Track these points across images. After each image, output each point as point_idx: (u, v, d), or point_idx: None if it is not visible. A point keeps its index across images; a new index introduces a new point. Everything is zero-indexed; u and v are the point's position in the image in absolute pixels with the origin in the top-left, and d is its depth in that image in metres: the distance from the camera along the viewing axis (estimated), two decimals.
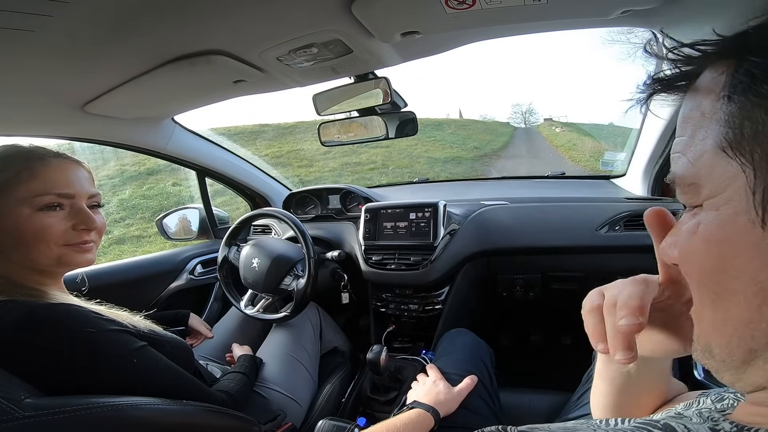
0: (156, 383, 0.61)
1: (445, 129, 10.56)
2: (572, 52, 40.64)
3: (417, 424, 0.67)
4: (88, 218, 0.62)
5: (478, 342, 0.95)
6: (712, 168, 0.22)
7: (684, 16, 0.66)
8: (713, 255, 0.22)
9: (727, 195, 0.21)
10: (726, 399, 0.32)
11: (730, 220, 0.21)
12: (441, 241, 1.11)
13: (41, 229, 0.57)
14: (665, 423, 0.25)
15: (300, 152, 7.80)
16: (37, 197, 0.57)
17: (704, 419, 0.26)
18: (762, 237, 0.19)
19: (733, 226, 0.21)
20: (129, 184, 5.52)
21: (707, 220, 0.22)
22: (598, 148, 8.06)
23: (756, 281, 0.20)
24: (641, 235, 1.06)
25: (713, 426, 0.24)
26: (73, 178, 0.61)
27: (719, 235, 0.22)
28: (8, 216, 0.56)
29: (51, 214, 0.58)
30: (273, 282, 1.09)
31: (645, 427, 0.25)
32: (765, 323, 0.20)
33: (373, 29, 0.64)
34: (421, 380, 0.82)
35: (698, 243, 0.23)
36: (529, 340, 1.51)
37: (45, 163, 0.59)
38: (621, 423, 0.28)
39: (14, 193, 0.56)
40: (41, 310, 0.55)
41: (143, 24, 0.57)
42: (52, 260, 0.59)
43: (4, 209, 0.56)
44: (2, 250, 0.57)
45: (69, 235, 0.60)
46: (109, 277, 1.20)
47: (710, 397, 0.33)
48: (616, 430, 0.27)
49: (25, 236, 0.57)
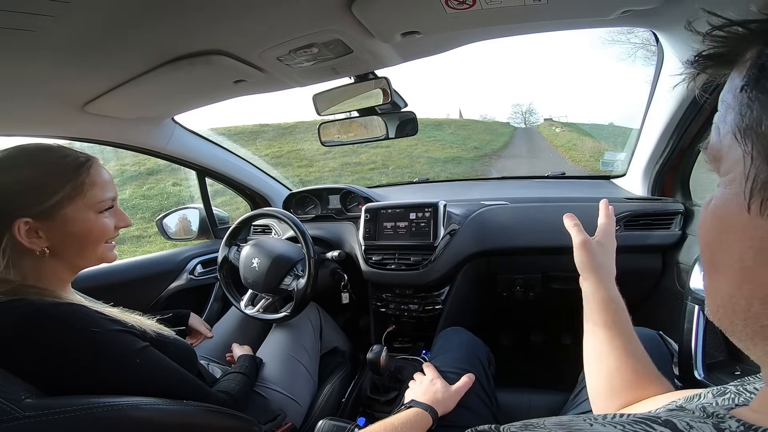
0: (157, 383, 0.61)
1: (445, 129, 10.56)
2: (572, 52, 40.65)
3: (415, 423, 0.67)
4: (125, 217, 0.69)
5: (474, 340, 0.94)
6: (729, 148, 0.23)
7: (684, 15, 0.66)
8: (714, 228, 0.24)
9: (732, 176, 0.23)
10: (728, 393, 0.32)
11: (730, 199, 0.23)
12: (441, 241, 1.11)
13: (103, 230, 0.64)
14: (666, 419, 0.25)
15: (300, 152, 7.80)
16: (100, 202, 0.63)
17: (708, 415, 0.25)
18: (749, 220, 0.21)
19: (730, 206, 0.23)
20: (129, 184, 5.52)
21: (717, 196, 0.24)
22: (598, 148, 8.07)
23: (741, 259, 0.22)
24: (641, 235, 1.06)
25: (718, 423, 0.24)
26: (111, 180, 0.67)
27: (721, 211, 0.24)
28: (79, 221, 0.60)
29: (106, 215, 0.64)
30: (273, 282, 1.09)
31: (644, 422, 0.25)
32: (744, 300, 0.22)
33: (373, 29, 0.64)
34: (418, 379, 0.82)
35: (706, 215, 0.25)
36: (529, 340, 1.51)
37: (96, 167, 0.63)
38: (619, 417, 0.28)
39: (84, 200, 0.61)
40: (47, 309, 0.55)
41: (143, 24, 0.57)
42: (97, 258, 0.65)
43: (74, 215, 0.60)
44: (59, 248, 0.60)
45: (111, 234, 0.66)
46: (109, 277, 1.20)
47: (711, 392, 0.33)
48: (613, 424, 0.26)
49: (90, 238, 0.62)
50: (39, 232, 0.57)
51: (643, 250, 1.07)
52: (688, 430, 0.23)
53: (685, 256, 1.00)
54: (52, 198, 0.58)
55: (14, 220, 0.55)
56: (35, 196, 0.57)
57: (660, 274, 1.08)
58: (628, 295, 0.55)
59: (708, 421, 0.24)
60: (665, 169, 1.09)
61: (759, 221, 0.21)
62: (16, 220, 0.55)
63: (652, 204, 1.10)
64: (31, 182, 0.57)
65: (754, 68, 0.21)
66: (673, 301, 0.98)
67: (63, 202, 0.58)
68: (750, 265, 0.22)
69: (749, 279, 0.22)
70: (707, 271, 0.26)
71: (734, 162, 0.22)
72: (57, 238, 0.59)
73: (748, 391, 0.31)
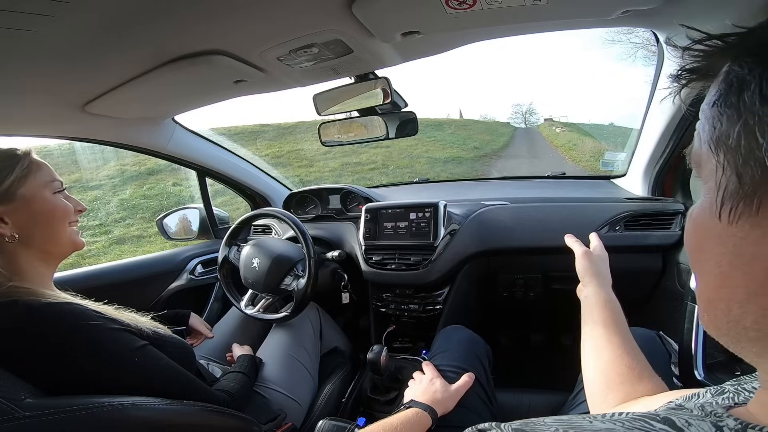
0: (157, 382, 0.61)
1: (446, 129, 10.56)
2: (572, 52, 40.67)
3: (414, 423, 0.66)
4: (79, 203, 0.72)
5: (474, 338, 0.93)
6: (707, 158, 0.24)
7: (684, 16, 0.66)
8: (695, 236, 0.25)
9: (709, 185, 0.24)
10: (726, 392, 0.32)
11: (707, 208, 0.24)
12: (441, 241, 1.11)
13: (64, 209, 0.67)
14: (665, 416, 0.25)
15: (300, 152, 7.80)
16: (51, 182, 0.66)
17: (707, 413, 0.25)
18: (723, 228, 0.22)
19: (706, 214, 0.24)
20: (129, 184, 5.52)
21: (697, 205, 0.25)
22: (599, 148, 8.06)
23: (718, 265, 0.23)
24: (641, 235, 1.06)
25: (716, 421, 0.24)
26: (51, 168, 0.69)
27: (699, 219, 0.25)
28: (39, 200, 0.64)
29: (61, 197, 0.67)
30: (273, 282, 1.09)
31: (644, 419, 0.25)
32: (723, 303, 0.23)
33: (373, 29, 0.64)
34: (418, 378, 0.81)
35: (689, 223, 0.26)
36: (529, 340, 1.51)
37: (30, 154, 0.66)
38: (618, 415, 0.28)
39: (36, 179, 0.64)
40: (44, 309, 0.55)
41: (144, 24, 0.57)
42: (68, 242, 0.67)
43: (32, 194, 0.63)
44: (27, 234, 0.62)
45: (72, 216, 0.69)
46: (110, 277, 1.20)
47: (710, 391, 0.33)
48: (613, 421, 0.26)
49: (54, 216, 0.65)
50: (4, 218, 0.60)
51: (643, 250, 1.07)
52: (686, 427, 0.24)
53: (685, 256, 1.00)
54: (5, 180, 0.61)
55: None
56: None
57: (660, 274, 1.08)
58: (629, 295, 0.56)
59: (706, 419, 0.24)
60: (665, 169, 1.09)
61: (730, 229, 0.22)
62: None
63: (653, 204, 1.10)
64: None
65: (723, 83, 0.22)
66: (674, 301, 0.98)
67: (18, 183, 0.62)
68: (726, 270, 0.23)
69: (726, 283, 0.23)
70: (694, 276, 0.27)
71: (710, 171, 0.23)
72: (23, 221, 0.62)
73: (747, 390, 0.31)
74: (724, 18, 0.61)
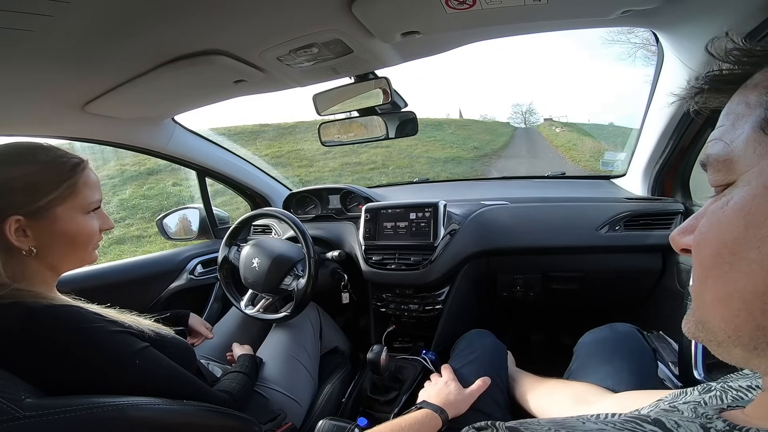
0: (158, 383, 0.61)
1: (445, 129, 10.56)
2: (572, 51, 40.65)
3: (423, 425, 0.66)
4: (109, 220, 0.69)
5: (497, 344, 0.92)
6: (747, 144, 0.23)
7: (684, 16, 0.66)
8: (738, 225, 0.23)
9: (759, 168, 0.23)
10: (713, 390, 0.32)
11: (760, 192, 0.22)
12: (441, 241, 1.11)
13: (92, 231, 0.64)
14: (655, 418, 0.25)
15: (300, 152, 7.80)
16: (89, 203, 0.63)
17: (697, 415, 0.26)
18: None
19: (761, 198, 0.22)
20: (129, 184, 5.52)
21: (739, 194, 0.24)
22: (598, 148, 8.07)
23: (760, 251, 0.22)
24: (641, 235, 1.06)
25: (705, 423, 0.24)
26: (99, 182, 0.67)
27: (748, 206, 0.23)
28: (69, 221, 0.60)
29: (93, 217, 0.65)
30: (273, 282, 1.09)
31: (635, 421, 0.26)
32: None
33: (373, 29, 0.64)
34: (434, 380, 0.81)
35: (727, 214, 0.24)
36: (529, 340, 1.51)
37: (88, 169, 0.64)
38: (611, 417, 0.29)
39: (76, 200, 0.61)
40: (45, 311, 0.55)
41: (144, 24, 0.57)
42: (79, 261, 0.65)
43: (63, 215, 0.60)
44: (46, 250, 0.59)
45: (97, 237, 0.67)
46: (110, 277, 1.20)
47: (697, 389, 0.34)
48: (605, 423, 0.27)
49: (81, 238, 0.62)
50: (27, 230, 0.57)
51: (643, 250, 1.07)
52: (675, 428, 0.24)
53: (685, 257, 1.00)
54: (46, 197, 0.58)
55: (6, 217, 0.55)
56: (29, 194, 0.57)
57: (660, 274, 1.08)
58: (629, 295, 0.55)
59: (696, 421, 0.25)
60: (665, 169, 1.09)
61: None
62: (8, 218, 0.55)
63: (652, 204, 1.10)
64: (27, 180, 0.57)
65: None
66: (674, 301, 0.98)
67: (56, 202, 0.58)
68: None
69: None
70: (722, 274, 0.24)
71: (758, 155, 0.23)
72: (44, 239, 0.58)
73: (733, 389, 0.32)
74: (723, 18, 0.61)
